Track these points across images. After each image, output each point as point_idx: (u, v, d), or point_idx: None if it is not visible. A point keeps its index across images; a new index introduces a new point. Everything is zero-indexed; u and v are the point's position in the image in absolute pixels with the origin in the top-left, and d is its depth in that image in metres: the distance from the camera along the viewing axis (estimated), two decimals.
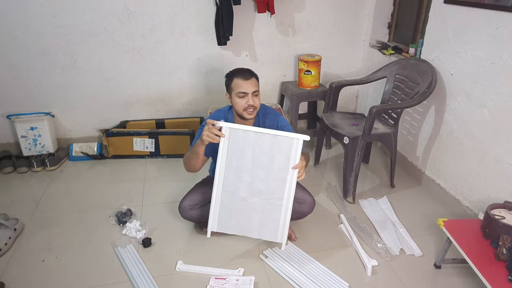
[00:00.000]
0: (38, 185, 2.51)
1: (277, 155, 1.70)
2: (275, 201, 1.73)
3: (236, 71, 1.87)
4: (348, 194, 2.33)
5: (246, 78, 1.82)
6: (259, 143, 1.68)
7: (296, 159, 1.68)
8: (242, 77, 1.82)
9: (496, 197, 1.94)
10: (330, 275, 1.76)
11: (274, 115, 1.99)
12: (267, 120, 1.96)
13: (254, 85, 1.83)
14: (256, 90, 1.84)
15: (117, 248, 1.91)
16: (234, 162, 1.71)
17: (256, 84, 1.85)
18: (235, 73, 1.86)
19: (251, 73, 1.86)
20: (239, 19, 2.79)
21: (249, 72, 1.86)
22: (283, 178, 1.71)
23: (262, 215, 1.75)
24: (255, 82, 1.85)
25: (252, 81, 1.83)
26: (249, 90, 1.81)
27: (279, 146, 1.68)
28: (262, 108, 1.99)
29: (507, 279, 1.45)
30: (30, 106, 2.78)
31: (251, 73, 1.86)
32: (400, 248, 1.94)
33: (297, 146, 1.67)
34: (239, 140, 1.69)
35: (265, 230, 1.77)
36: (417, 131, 2.54)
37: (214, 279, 1.73)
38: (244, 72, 1.85)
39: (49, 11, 2.52)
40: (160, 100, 2.98)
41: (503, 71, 1.85)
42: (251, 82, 1.82)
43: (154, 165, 2.79)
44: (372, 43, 3.06)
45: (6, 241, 1.91)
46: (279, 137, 1.68)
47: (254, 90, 1.83)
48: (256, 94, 1.84)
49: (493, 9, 1.86)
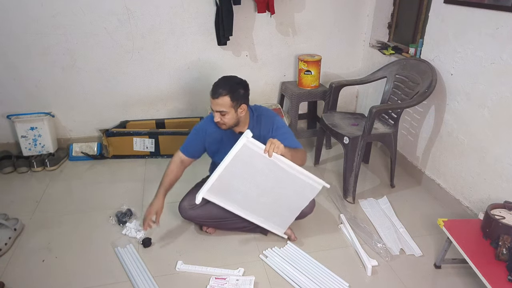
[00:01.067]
0: (38, 185, 2.51)
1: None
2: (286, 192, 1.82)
3: (214, 84, 1.79)
4: (348, 194, 2.33)
5: (213, 97, 1.75)
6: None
7: (261, 152, 1.69)
8: (211, 94, 1.76)
9: (496, 197, 1.94)
10: (330, 275, 1.76)
11: (269, 117, 1.93)
12: (262, 122, 1.92)
13: (219, 105, 1.74)
14: (220, 111, 1.75)
15: (117, 248, 1.91)
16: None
17: (223, 104, 1.74)
18: (212, 89, 1.78)
19: (224, 90, 1.74)
20: (239, 19, 2.79)
21: (224, 88, 1.75)
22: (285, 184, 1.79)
23: (271, 208, 1.85)
24: (222, 101, 1.73)
25: (219, 100, 1.73)
26: (214, 108, 1.77)
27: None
28: (258, 110, 1.95)
29: (507, 279, 1.45)
30: (30, 106, 2.78)
31: (226, 89, 1.74)
32: (400, 248, 1.94)
33: (249, 142, 1.67)
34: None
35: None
36: (417, 131, 2.54)
37: (214, 279, 1.73)
38: (215, 88, 1.76)
39: (49, 11, 2.52)
40: (160, 100, 2.98)
41: (503, 71, 1.85)
42: (217, 101, 1.74)
43: (154, 165, 2.79)
44: (372, 43, 3.06)
45: (6, 241, 1.91)
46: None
47: (218, 110, 1.76)
48: (222, 113, 1.76)
49: (493, 9, 1.86)
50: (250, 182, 1.75)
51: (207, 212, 1.94)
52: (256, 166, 1.71)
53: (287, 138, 1.85)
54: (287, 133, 1.91)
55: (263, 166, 1.71)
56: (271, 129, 1.90)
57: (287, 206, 1.89)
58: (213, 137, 1.94)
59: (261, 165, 1.71)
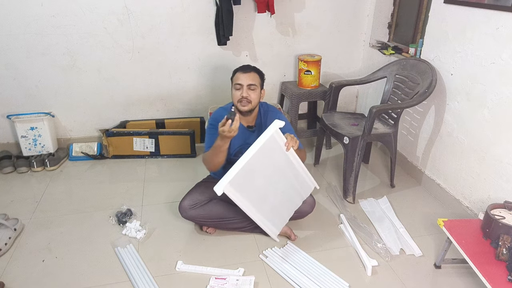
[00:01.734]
0: (38, 185, 2.51)
1: (275, 157, 1.75)
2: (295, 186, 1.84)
3: (240, 66, 1.95)
4: (348, 194, 2.33)
5: (245, 71, 1.89)
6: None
7: (282, 145, 1.72)
8: (242, 70, 1.91)
9: (496, 197, 1.94)
10: (330, 275, 1.76)
11: (275, 113, 2.03)
12: (268, 118, 2.00)
13: (251, 79, 1.88)
14: (252, 84, 1.87)
15: (117, 248, 1.91)
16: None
17: (254, 78, 1.90)
18: (239, 68, 1.94)
19: (252, 68, 1.92)
20: (239, 19, 2.79)
21: (251, 67, 1.93)
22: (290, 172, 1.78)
23: (276, 208, 1.86)
24: (254, 76, 1.90)
25: (250, 74, 1.89)
26: (245, 82, 1.86)
27: (269, 147, 1.72)
28: (265, 106, 2.05)
29: (507, 279, 1.45)
30: (30, 106, 2.78)
31: (253, 68, 1.93)
32: (400, 248, 1.94)
33: (276, 132, 1.69)
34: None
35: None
36: (417, 131, 2.54)
37: (214, 279, 1.73)
38: (246, 67, 1.93)
39: (49, 11, 2.52)
40: (160, 100, 2.98)
41: (503, 71, 1.85)
42: (249, 75, 1.88)
43: (154, 165, 2.80)
44: (372, 43, 3.06)
45: (6, 241, 1.91)
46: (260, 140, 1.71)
47: (250, 83, 1.87)
48: (252, 87, 1.88)
49: (493, 9, 1.86)
50: (266, 178, 1.76)
51: (207, 212, 1.94)
52: (274, 160, 1.72)
53: (291, 133, 1.92)
54: (291, 131, 1.95)
55: (280, 161, 1.72)
56: None
57: (287, 206, 1.90)
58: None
59: (279, 160, 1.72)
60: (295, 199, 1.91)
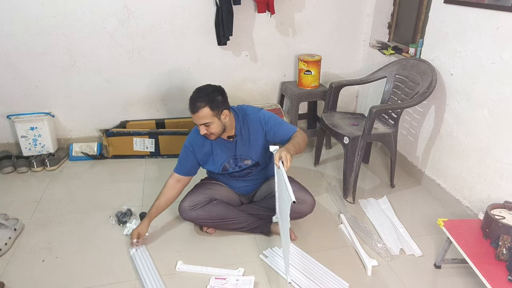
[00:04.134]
0: (38, 185, 2.51)
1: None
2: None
3: (190, 98, 1.76)
4: (348, 194, 2.33)
5: (193, 112, 1.74)
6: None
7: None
8: (190, 110, 1.76)
9: (496, 197, 1.94)
10: (330, 275, 1.76)
11: (254, 114, 1.93)
12: (249, 122, 1.92)
13: (201, 118, 1.74)
14: (205, 123, 1.75)
15: (131, 250, 1.91)
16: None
17: (205, 116, 1.73)
18: (190, 100, 1.76)
19: (202, 102, 1.72)
20: (239, 19, 2.79)
21: (201, 99, 1.73)
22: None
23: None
24: (203, 113, 1.72)
25: (199, 114, 1.72)
26: (197, 122, 1.77)
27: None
28: (241, 111, 1.93)
29: (507, 279, 1.45)
30: (30, 106, 2.78)
31: (204, 101, 1.72)
32: (400, 248, 1.94)
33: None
34: None
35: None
36: (417, 131, 2.54)
37: (214, 279, 1.73)
38: (193, 103, 1.74)
39: (49, 11, 2.52)
40: (160, 100, 2.98)
41: (503, 71, 1.85)
42: (198, 115, 1.73)
43: (154, 165, 2.80)
44: (372, 43, 3.06)
45: (6, 241, 1.91)
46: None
47: (202, 123, 1.75)
48: (207, 125, 1.76)
49: (493, 9, 1.86)
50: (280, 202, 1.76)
51: (207, 213, 1.94)
52: (280, 185, 1.69)
53: (282, 125, 1.90)
54: (278, 122, 1.92)
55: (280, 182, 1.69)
56: (261, 124, 1.90)
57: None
58: (202, 149, 1.95)
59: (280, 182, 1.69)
60: (284, 216, 1.75)
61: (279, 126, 1.90)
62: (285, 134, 1.89)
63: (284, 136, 1.89)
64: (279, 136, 1.90)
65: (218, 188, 2.04)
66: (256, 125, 1.91)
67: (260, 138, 1.92)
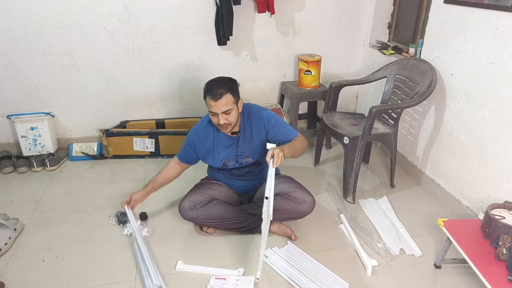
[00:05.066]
0: (38, 185, 2.51)
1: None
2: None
3: (209, 88, 1.77)
4: (348, 194, 2.33)
5: (215, 99, 1.73)
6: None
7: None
8: (211, 97, 1.74)
9: (496, 197, 1.94)
10: (330, 275, 1.76)
11: (258, 112, 1.94)
12: (253, 120, 1.94)
13: (224, 105, 1.74)
14: (227, 110, 1.75)
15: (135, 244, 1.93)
16: None
17: (228, 102, 1.75)
18: (207, 91, 1.77)
19: (223, 89, 1.74)
20: (239, 19, 2.79)
21: (222, 87, 1.74)
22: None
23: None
24: (226, 100, 1.74)
25: (222, 101, 1.73)
26: (219, 111, 1.76)
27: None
28: (247, 108, 1.96)
29: (507, 279, 1.45)
30: (30, 106, 2.78)
31: (224, 88, 1.74)
32: (400, 248, 1.94)
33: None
34: None
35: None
36: (417, 131, 2.54)
37: (214, 279, 1.73)
38: (214, 90, 1.74)
39: (49, 11, 2.52)
40: (160, 100, 2.98)
41: (503, 71, 1.85)
42: (221, 102, 1.73)
43: (154, 165, 2.79)
44: (372, 43, 3.06)
45: (6, 241, 1.91)
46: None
47: (224, 111, 1.75)
48: (228, 112, 1.77)
49: (493, 9, 1.86)
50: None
51: (207, 213, 1.94)
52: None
53: (283, 127, 1.92)
54: (280, 123, 1.93)
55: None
56: (263, 123, 1.92)
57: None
58: (204, 145, 1.98)
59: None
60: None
61: (280, 127, 1.92)
62: (285, 136, 1.90)
63: (284, 138, 1.90)
64: (279, 137, 1.91)
65: (218, 188, 2.05)
66: (259, 124, 1.92)
67: (262, 137, 1.93)
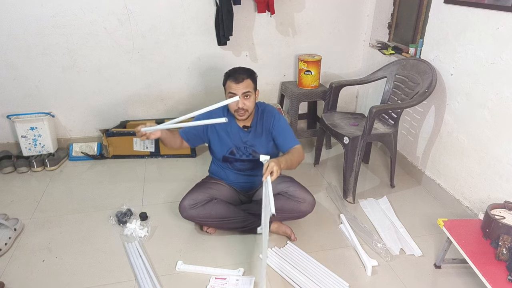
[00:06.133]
0: (38, 185, 2.51)
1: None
2: None
3: (232, 72, 1.87)
4: (348, 194, 2.33)
5: (237, 82, 1.82)
6: None
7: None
8: (233, 80, 1.83)
9: (496, 197, 1.94)
10: (330, 275, 1.76)
11: (271, 111, 2.01)
12: (265, 117, 2.00)
13: (245, 87, 1.83)
14: (247, 91, 1.83)
15: (128, 243, 1.93)
16: None
17: (248, 85, 1.84)
18: (230, 74, 1.86)
19: (244, 75, 1.84)
20: (239, 19, 2.79)
21: (243, 73, 1.85)
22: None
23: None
24: (247, 83, 1.84)
25: (244, 83, 1.82)
26: (239, 92, 1.82)
27: None
28: (262, 106, 2.03)
29: (507, 279, 1.45)
30: (30, 106, 2.78)
31: (246, 74, 1.85)
32: (400, 248, 1.94)
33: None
34: None
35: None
36: (417, 131, 2.54)
37: (214, 279, 1.73)
38: (237, 74, 1.84)
39: (49, 11, 2.52)
40: (160, 100, 2.98)
41: (503, 71, 1.85)
42: (242, 85, 1.82)
43: (154, 165, 2.79)
44: (372, 43, 3.06)
45: (6, 241, 1.91)
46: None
47: (244, 92, 1.83)
48: (247, 95, 1.84)
49: (493, 9, 1.86)
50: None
51: (208, 212, 1.94)
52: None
53: (286, 133, 1.96)
54: (284, 129, 1.98)
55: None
56: (271, 124, 1.98)
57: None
58: (214, 127, 1.99)
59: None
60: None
61: (282, 132, 1.97)
62: (284, 142, 1.96)
63: (283, 143, 1.96)
64: (278, 141, 1.97)
65: (218, 188, 2.05)
66: (268, 124, 1.99)
67: (269, 136, 2.00)
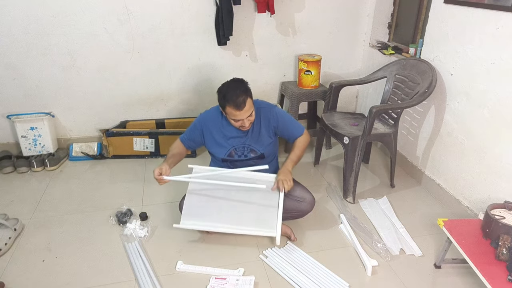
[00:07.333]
0: (38, 185, 2.51)
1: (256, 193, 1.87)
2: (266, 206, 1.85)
3: (229, 96, 1.76)
4: (348, 194, 2.33)
5: (240, 108, 1.76)
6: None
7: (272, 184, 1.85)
8: (235, 107, 1.76)
9: (496, 197, 1.94)
10: (330, 275, 1.76)
11: (267, 107, 2.00)
12: (262, 114, 1.97)
13: (247, 109, 1.79)
14: (250, 113, 1.82)
15: (128, 243, 1.93)
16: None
17: (250, 105, 1.80)
18: (228, 100, 1.76)
19: (243, 95, 1.76)
20: (239, 19, 2.79)
21: (241, 93, 1.76)
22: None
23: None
24: (248, 104, 1.79)
25: (246, 107, 1.77)
26: (243, 117, 1.81)
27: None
28: (256, 104, 1.99)
29: (507, 279, 1.45)
30: (30, 106, 2.78)
31: (243, 93, 1.77)
32: (400, 248, 1.94)
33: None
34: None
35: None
36: (417, 131, 2.54)
37: (214, 279, 1.73)
38: (236, 99, 1.74)
39: (49, 11, 2.52)
40: (160, 100, 2.98)
41: (503, 71, 1.85)
42: (246, 109, 1.78)
43: (154, 165, 2.78)
44: (372, 43, 3.06)
45: (6, 241, 1.91)
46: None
47: (248, 115, 1.82)
48: (251, 115, 1.84)
49: (493, 9, 1.86)
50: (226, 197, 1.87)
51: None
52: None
53: (291, 125, 2.00)
54: (289, 120, 2.02)
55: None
56: (272, 120, 1.97)
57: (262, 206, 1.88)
58: (211, 132, 2.00)
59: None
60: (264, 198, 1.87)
61: (288, 125, 2.01)
62: (292, 134, 2.01)
63: (291, 135, 2.02)
64: (286, 135, 2.03)
65: None
66: (268, 120, 1.97)
67: (270, 132, 1.99)
